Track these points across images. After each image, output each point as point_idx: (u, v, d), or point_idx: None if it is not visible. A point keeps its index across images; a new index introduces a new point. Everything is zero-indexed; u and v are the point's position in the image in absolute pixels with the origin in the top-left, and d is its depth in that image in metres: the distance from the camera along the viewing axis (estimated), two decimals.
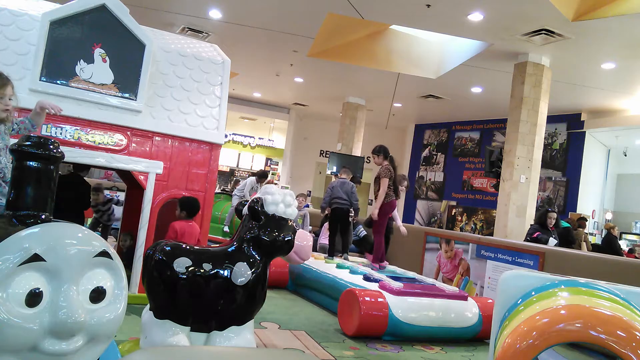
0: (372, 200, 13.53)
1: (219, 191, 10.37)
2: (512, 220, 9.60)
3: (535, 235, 7.22)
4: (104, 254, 1.27)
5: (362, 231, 8.04)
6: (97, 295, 1.25)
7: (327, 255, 6.51)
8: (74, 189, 5.13)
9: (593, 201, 13.97)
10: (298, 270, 5.93)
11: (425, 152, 17.74)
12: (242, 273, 2.82)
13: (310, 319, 4.91)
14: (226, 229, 9.05)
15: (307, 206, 10.02)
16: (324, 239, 7.39)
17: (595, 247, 10.60)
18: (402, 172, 18.31)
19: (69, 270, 1.19)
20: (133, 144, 4.39)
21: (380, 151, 5.99)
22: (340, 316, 4.66)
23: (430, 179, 17.34)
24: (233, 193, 9.46)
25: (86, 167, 5.49)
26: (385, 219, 6.03)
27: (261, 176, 9.27)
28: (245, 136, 18.98)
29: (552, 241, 7.14)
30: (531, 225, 7.98)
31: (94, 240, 1.28)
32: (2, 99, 2.35)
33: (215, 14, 9.47)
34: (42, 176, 1.38)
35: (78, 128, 4.17)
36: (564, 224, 9.05)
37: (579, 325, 2.11)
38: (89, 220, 6.87)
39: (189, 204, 4.54)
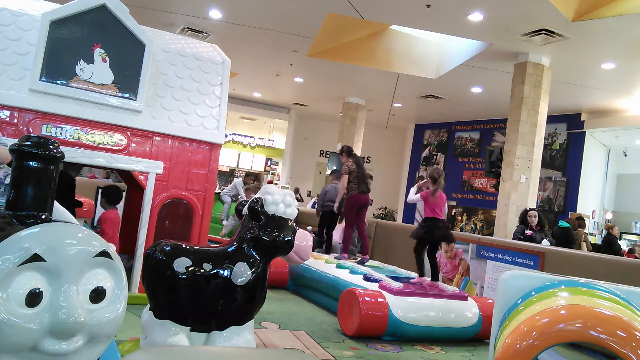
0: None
1: (219, 191, 10.38)
2: (512, 220, 9.60)
3: (529, 233, 7.20)
4: (104, 254, 1.27)
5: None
6: (97, 295, 1.25)
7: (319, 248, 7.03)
8: (62, 188, 5.12)
9: (593, 201, 13.97)
10: (298, 270, 5.93)
11: (425, 152, 17.74)
12: (242, 273, 2.82)
13: (310, 319, 4.91)
14: (225, 222, 9.20)
15: None
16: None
17: (595, 247, 10.60)
18: (402, 172, 18.38)
19: (69, 270, 1.19)
20: (133, 144, 4.39)
21: (343, 151, 6.66)
22: (340, 316, 4.65)
23: None
24: (222, 193, 9.63)
25: (79, 166, 5.51)
26: (350, 212, 6.47)
27: (247, 175, 9.92)
28: (245, 136, 18.98)
29: (546, 242, 7.12)
30: (517, 225, 7.93)
31: (94, 240, 1.28)
32: None
33: (215, 14, 9.48)
34: (42, 176, 1.38)
35: (78, 128, 4.17)
36: (564, 224, 9.04)
37: (579, 325, 2.11)
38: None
39: (107, 193, 4.84)
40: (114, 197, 5.18)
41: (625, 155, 14.22)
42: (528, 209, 7.80)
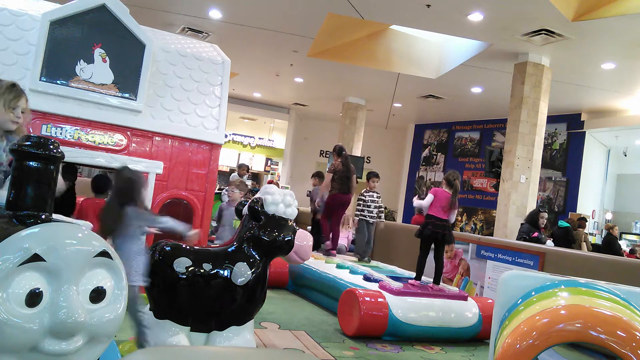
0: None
1: (219, 191, 10.38)
2: (512, 220, 9.59)
3: (534, 234, 7.21)
4: (104, 254, 1.27)
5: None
6: (97, 295, 1.25)
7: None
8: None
9: (593, 201, 13.97)
10: (298, 270, 5.93)
11: (425, 152, 17.74)
12: (242, 273, 2.82)
13: (310, 319, 4.91)
14: (214, 223, 9.16)
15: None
16: (341, 241, 7.49)
17: (595, 247, 10.60)
18: (402, 172, 18.37)
19: (69, 270, 1.19)
20: (133, 144, 4.39)
21: (334, 150, 6.93)
22: (340, 316, 4.66)
23: (430, 179, 17.35)
24: (223, 192, 9.59)
25: (74, 172, 5.50)
26: (327, 208, 6.79)
27: (240, 167, 10.13)
28: (245, 136, 18.96)
29: (550, 243, 7.14)
30: (522, 224, 7.94)
31: (94, 240, 1.28)
32: (15, 110, 2.33)
33: (215, 14, 9.47)
34: (42, 176, 1.38)
35: (78, 128, 4.17)
36: (564, 223, 9.05)
37: (579, 325, 2.11)
38: None
39: (94, 181, 5.09)
40: (98, 185, 5.15)
41: (625, 156, 14.21)
42: (541, 209, 7.81)
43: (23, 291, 1.13)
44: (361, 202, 6.87)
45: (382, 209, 7.02)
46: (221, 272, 2.82)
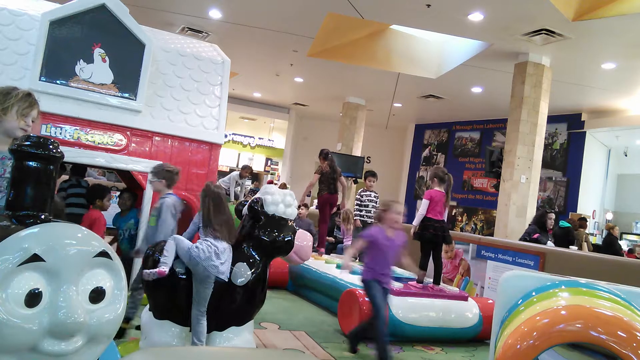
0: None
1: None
2: (512, 221, 9.59)
3: (535, 236, 7.21)
4: (104, 254, 1.26)
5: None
6: (97, 295, 1.24)
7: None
8: None
9: (593, 201, 13.96)
10: (298, 270, 5.93)
11: (425, 152, 17.74)
12: (242, 273, 2.82)
13: (310, 319, 4.91)
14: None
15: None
16: (347, 241, 7.47)
17: (595, 248, 10.60)
18: (402, 172, 18.37)
19: (68, 270, 1.18)
20: (133, 144, 4.39)
21: (321, 154, 7.24)
22: (340, 316, 4.65)
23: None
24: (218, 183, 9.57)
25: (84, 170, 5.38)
26: (323, 211, 7.02)
27: (244, 168, 9.95)
28: (245, 136, 18.96)
29: (550, 244, 7.14)
30: (529, 225, 7.97)
31: (94, 241, 1.27)
32: (26, 118, 2.35)
33: (215, 14, 9.47)
34: (42, 176, 1.38)
35: (78, 128, 4.17)
36: (565, 224, 9.04)
37: (579, 325, 2.11)
38: None
39: (91, 190, 4.88)
40: (89, 196, 4.82)
41: (626, 155, 14.22)
42: (548, 210, 7.81)
43: (22, 291, 1.13)
44: (358, 202, 6.86)
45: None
46: None
